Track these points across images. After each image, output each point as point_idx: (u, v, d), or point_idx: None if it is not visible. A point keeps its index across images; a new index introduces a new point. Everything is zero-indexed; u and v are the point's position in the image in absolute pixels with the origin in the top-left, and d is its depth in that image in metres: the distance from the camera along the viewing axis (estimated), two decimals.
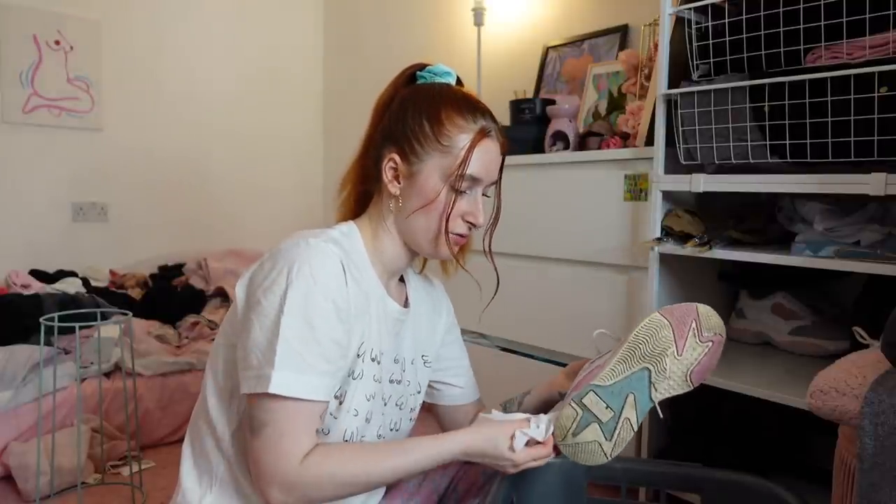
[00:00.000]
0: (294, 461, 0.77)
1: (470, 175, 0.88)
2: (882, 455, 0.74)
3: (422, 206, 0.88)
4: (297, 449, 0.78)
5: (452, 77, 0.95)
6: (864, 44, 1.16)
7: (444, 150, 0.88)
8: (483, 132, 0.89)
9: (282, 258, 0.81)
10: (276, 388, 0.76)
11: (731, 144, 1.34)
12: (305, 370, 0.78)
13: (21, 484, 1.69)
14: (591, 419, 0.85)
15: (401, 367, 0.97)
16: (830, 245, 1.26)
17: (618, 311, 1.67)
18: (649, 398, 0.87)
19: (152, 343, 2.26)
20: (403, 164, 0.89)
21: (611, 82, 2.09)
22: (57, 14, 2.76)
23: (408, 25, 3.03)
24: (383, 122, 0.93)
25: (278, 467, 0.77)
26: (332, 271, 0.81)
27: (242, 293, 0.84)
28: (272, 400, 0.77)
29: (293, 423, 0.78)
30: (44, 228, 2.80)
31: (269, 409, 0.78)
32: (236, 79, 3.32)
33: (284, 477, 0.77)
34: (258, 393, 0.78)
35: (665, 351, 0.87)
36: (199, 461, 0.90)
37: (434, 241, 0.90)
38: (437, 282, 1.10)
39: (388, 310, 0.93)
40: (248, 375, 0.79)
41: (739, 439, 1.48)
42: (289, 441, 0.78)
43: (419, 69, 0.96)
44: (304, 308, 0.78)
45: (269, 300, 0.79)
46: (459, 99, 0.91)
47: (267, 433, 0.78)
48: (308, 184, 3.63)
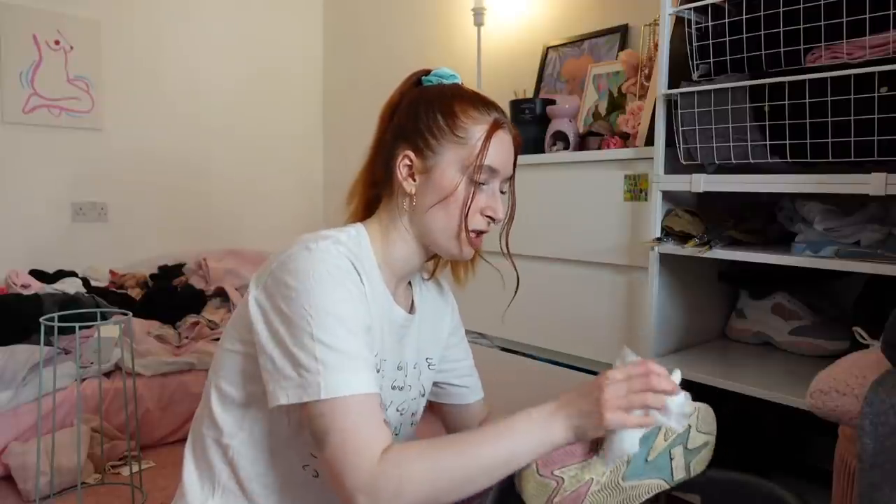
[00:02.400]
0: (370, 459, 0.71)
1: (488, 166, 0.87)
2: (882, 455, 0.74)
3: (440, 200, 0.87)
4: (371, 445, 0.72)
5: (458, 79, 0.95)
6: (864, 44, 1.15)
7: (459, 142, 0.87)
8: (497, 123, 0.89)
9: (292, 266, 0.79)
10: (329, 391, 0.73)
11: (731, 144, 1.34)
12: (350, 366, 0.76)
13: (21, 484, 1.69)
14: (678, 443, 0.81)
15: (404, 373, 0.96)
16: (830, 245, 1.26)
17: (618, 311, 1.67)
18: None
19: (152, 343, 2.26)
20: (418, 159, 0.88)
21: (611, 82, 2.09)
22: (57, 14, 2.76)
23: (408, 25, 3.03)
24: (393, 124, 0.92)
25: (354, 470, 0.71)
26: (344, 267, 0.81)
27: (257, 306, 0.81)
28: (326, 404, 0.74)
29: (358, 421, 0.73)
30: (44, 228, 2.80)
31: (326, 415, 0.74)
32: (236, 79, 3.32)
33: (364, 479, 0.71)
34: (309, 403, 0.74)
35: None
36: (202, 466, 0.90)
37: (454, 238, 0.89)
38: (444, 283, 1.09)
39: (393, 317, 0.92)
40: (285, 386, 0.76)
41: (739, 439, 1.47)
42: (357, 440, 0.72)
43: (424, 74, 0.95)
44: (332, 305, 0.77)
45: (293, 309, 0.77)
46: (470, 94, 0.91)
47: (332, 440, 0.73)
48: (308, 184, 3.63)
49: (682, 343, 1.59)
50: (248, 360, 0.85)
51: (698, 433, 0.82)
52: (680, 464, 0.81)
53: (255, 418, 0.86)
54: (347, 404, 0.74)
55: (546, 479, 0.77)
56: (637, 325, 1.60)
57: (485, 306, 1.54)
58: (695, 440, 0.82)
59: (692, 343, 1.62)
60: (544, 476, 0.77)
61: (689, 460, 0.82)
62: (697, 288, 1.60)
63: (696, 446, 0.82)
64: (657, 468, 0.80)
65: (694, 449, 0.82)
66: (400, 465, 0.72)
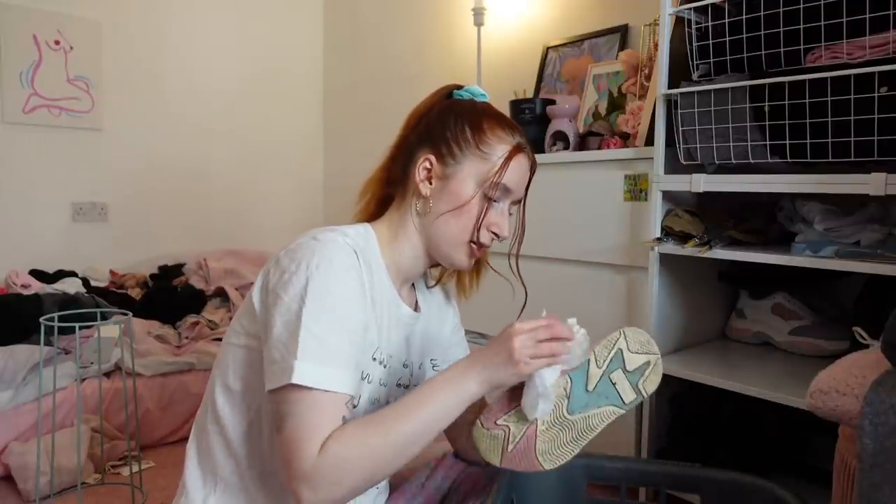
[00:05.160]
0: (312, 451, 0.73)
1: (504, 185, 0.90)
2: (882, 455, 0.74)
3: (452, 208, 0.89)
4: (317, 440, 0.74)
5: (487, 98, 0.98)
6: (864, 44, 1.16)
7: (482, 157, 0.90)
8: (520, 147, 0.92)
9: (297, 254, 0.81)
10: (298, 378, 0.74)
11: (731, 144, 1.34)
12: (328, 360, 0.76)
13: (21, 484, 1.69)
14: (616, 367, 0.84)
15: (409, 371, 0.97)
16: (830, 245, 1.26)
17: (618, 311, 1.67)
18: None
19: (152, 343, 2.26)
20: (439, 164, 0.90)
21: (611, 82, 2.09)
22: (57, 14, 2.76)
23: (408, 25, 3.03)
24: (419, 128, 0.94)
25: (299, 462, 0.73)
26: (348, 261, 0.82)
27: (259, 294, 0.84)
28: (294, 391, 0.75)
29: (315, 415, 0.75)
30: (44, 228, 2.80)
31: (291, 401, 0.75)
32: (236, 79, 3.32)
33: (306, 470, 0.73)
34: (281, 386, 0.76)
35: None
36: (204, 463, 0.90)
37: (458, 247, 0.91)
38: (448, 287, 1.10)
39: (399, 314, 0.93)
40: (272, 370, 0.77)
41: (739, 439, 1.48)
42: (308, 433, 0.74)
43: (456, 88, 0.98)
44: (325, 296, 0.78)
45: (289, 294, 0.78)
46: (499, 115, 0.94)
47: (288, 427, 0.75)
48: (308, 184, 3.63)
49: (682, 343, 1.59)
50: (251, 353, 0.86)
51: (633, 354, 0.85)
52: (625, 387, 0.85)
53: (258, 410, 0.87)
54: (312, 397, 0.75)
55: (494, 431, 0.81)
56: (637, 324, 1.58)
57: (486, 307, 1.54)
58: (632, 361, 0.85)
59: (692, 343, 1.62)
60: (490, 429, 0.82)
61: (634, 381, 0.85)
62: (697, 288, 1.60)
63: (636, 367, 0.85)
64: (603, 395, 0.84)
65: (635, 370, 0.85)
66: (335, 455, 0.73)
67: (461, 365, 0.81)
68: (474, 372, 0.80)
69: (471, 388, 0.80)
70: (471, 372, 0.80)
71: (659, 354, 0.87)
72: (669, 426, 1.55)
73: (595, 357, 0.84)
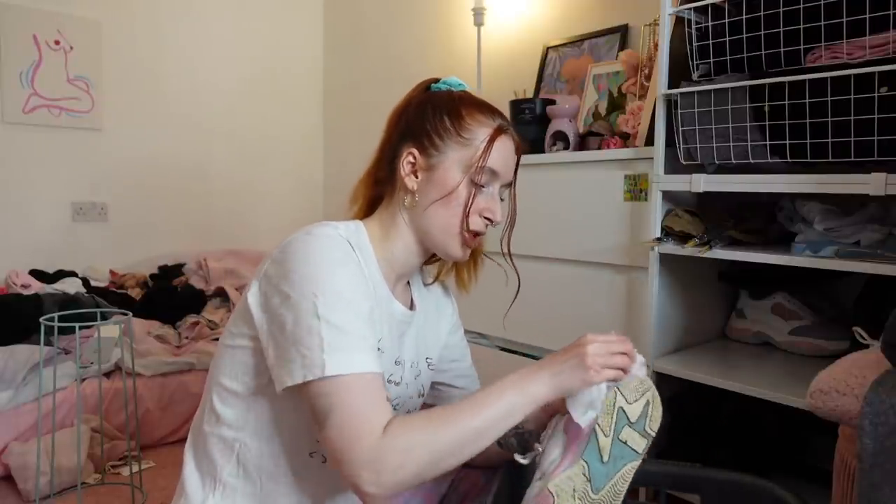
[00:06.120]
0: (374, 435, 0.73)
1: (489, 168, 0.89)
2: (882, 455, 0.74)
3: (441, 197, 0.89)
4: (374, 422, 0.73)
5: (466, 87, 0.97)
6: (864, 44, 1.16)
7: (464, 143, 0.90)
8: (501, 129, 0.92)
9: (296, 250, 0.81)
10: (332, 369, 0.74)
11: (731, 144, 1.34)
12: (354, 346, 0.77)
13: (21, 484, 1.69)
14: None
15: (401, 368, 0.96)
16: (830, 245, 1.26)
17: (618, 311, 1.67)
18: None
19: (152, 343, 2.26)
20: (422, 157, 0.90)
21: (611, 82, 2.09)
22: (57, 14, 2.76)
23: (408, 25, 3.03)
24: (400, 125, 0.94)
25: (357, 447, 0.72)
26: (346, 250, 0.83)
27: (257, 295, 0.83)
28: (330, 383, 0.75)
29: (361, 399, 0.75)
30: (44, 228, 2.80)
31: (331, 393, 0.74)
32: (236, 79, 3.32)
33: (369, 453, 0.72)
34: (311, 382, 0.75)
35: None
36: (203, 464, 0.90)
37: (452, 236, 0.90)
38: (447, 284, 1.09)
39: (392, 311, 0.93)
40: (291, 368, 0.77)
41: (739, 439, 1.48)
42: (362, 418, 0.74)
43: (434, 82, 0.98)
44: (337, 285, 0.78)
45: (296, 291, 0.78)
46: (477, 101, 0.94)
47: (337, 417, 0.74)
48: (308, 184, 3.63)
49: (682, 343, 1.59)
50: (248, 354, 0.86)
51: (633, 404, 0.84)
52: (635, 438, 0.83)
53: (259, 410, 0.86)
54: (351, 383, 0.75)
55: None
56: (637, 325, 1.60)
57: (485, 306, 1.54)
58: (634, 411, 0.84)
59: (692, 343, 1.62)
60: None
61: (641, 428, 0.84)
62: (697, 288, 1.60)
63: (639, 413, 0.84)
64: (619, 458, 0.82)
65: (639, 417, 0.84)
66: (401, 438, 0.73)
67: (533, 367, 0.81)
68: (545, 374, 0.80)
69: (539, 391, 0.80)
70: (541, 374, 0.80)
71: (652, 385, 0.85)
72: (669, 426, 1.55)
73: (600, 428, 0.81)
